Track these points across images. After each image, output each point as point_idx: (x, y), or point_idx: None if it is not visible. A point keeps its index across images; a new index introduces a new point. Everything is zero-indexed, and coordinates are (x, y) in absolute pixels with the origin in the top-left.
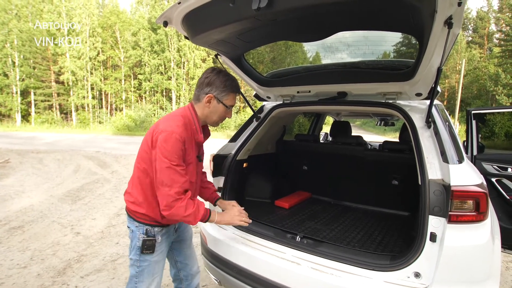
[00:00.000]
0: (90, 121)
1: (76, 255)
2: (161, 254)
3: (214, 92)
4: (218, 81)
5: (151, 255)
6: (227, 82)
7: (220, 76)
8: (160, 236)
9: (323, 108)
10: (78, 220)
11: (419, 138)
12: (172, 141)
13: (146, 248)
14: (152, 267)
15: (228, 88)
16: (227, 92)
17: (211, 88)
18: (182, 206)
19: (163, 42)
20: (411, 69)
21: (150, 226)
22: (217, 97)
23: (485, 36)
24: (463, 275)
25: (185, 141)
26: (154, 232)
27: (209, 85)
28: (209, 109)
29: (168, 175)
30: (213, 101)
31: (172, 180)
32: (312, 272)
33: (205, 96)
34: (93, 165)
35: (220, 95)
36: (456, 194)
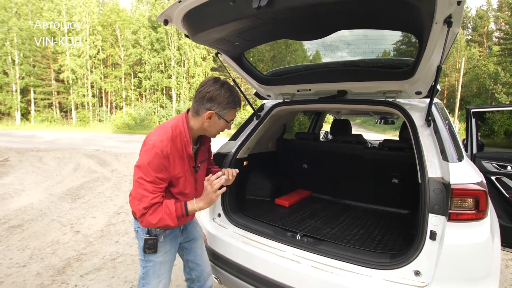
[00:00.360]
0: (90, 119)
1: (76, 253)
2: (165, 254)
3: (216, 108)
4: (221, 97)
5: (155, 255)
6: (230, 98)
7: (223, 91)
8: (164, 236)
9: (323, 106)
10: (78, 219)
11: (419, 136)
12: (151, 156)
13: (148, 248)
14: (157, 268)
15: (230, 104)
16: (229, 108)
17: (212, 105)
18: (150, 217)
19: (163, 41)
20: (410, 67)
21: None
22: (218, 114)
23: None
24: (463, 273)
25: (168, 155)
26: (156, 232)
27: (211, 101)
28: (209, 124)
29: (139, 190)
30: (214, 117)
31: (141, 195)
32: (312, 271)
33: (206, 112)
34: (93, 164)
35: (222, 111)
36: (456, 192)
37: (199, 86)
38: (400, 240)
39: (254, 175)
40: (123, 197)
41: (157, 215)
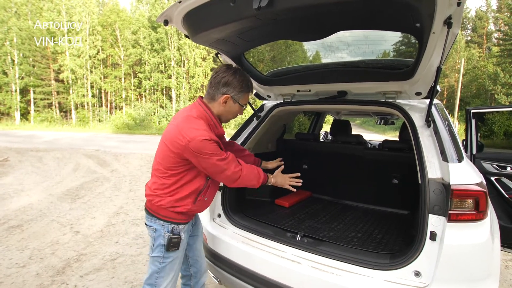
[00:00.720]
0: (89, 119)
1: (76, 254)
2: (183, 250)
3: (231, 92)
4: (236, 82)
5: (176, 252)
6: (244, 82)
7: (237, 76)
8: (184, 232)
9: (323, 107)
10: (78, 219)
11: (419, 137)
12: (207, 145)
13: (172, 246)
14: (174, 263)
15: (245, 88)
16: (243, 92)
17: (228, 89)
18: (244, 176)
19: (163, 41)
20: (410, 68)
21: (175, 224)
22: (234, 98)
23: (484, 36)
24: (463, 274)
25: (213, 138)
26: (179, 230)
27: (227, 85)
28: (224, 108)
29: (220, 166)
30: (229, 101)
31: (222, 168)
32: (313, 271)
33: (222, 96)
34: (93, 164)
35: (237, 95)
36: (456, 193)
37: (214, 73)
38: (400, 241)
39: None
40: (123, 197)
41: (253, 171)
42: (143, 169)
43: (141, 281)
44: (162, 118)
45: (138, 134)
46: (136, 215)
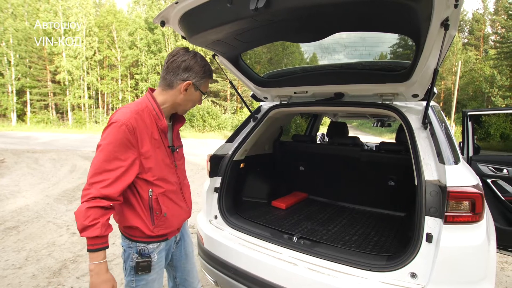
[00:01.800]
0: (86, 121)
1: (72, 255)
2: (160, 270)
3: (193, 79)
4: (198, 67)
5: (148, 275)
6: (206, 67)
7: (198, 60)
8: (157, 253)
9: (320, 108)
10: (74, 221)
11: (416, 139)
12: (114, 131)
13: (141, 269)
14: (150, 285)
15: (207, 74)
16: (205, 78)
17: (189, 74)
18: (84, 209)
19: (160, 42)
20: (407, 70)
21: (143, 243)
22: (195, 84)
23: (481, 38)
24: (459, 276)
25: (134, 129)
26: (149, 250)
27: (187, 71)
28: (184, 96)
29: (92, 169)
30: (190, 88)
31: (92, 176)
32: (309, 273)
33: (182, 83)
34: (89, 165)
35: (199, 82)
36: (452, 195)
37: (170, 56)
38: (396, 243)
39: (251, 177)
40: None
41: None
42: None
43: None
44: None
45: None
46: None
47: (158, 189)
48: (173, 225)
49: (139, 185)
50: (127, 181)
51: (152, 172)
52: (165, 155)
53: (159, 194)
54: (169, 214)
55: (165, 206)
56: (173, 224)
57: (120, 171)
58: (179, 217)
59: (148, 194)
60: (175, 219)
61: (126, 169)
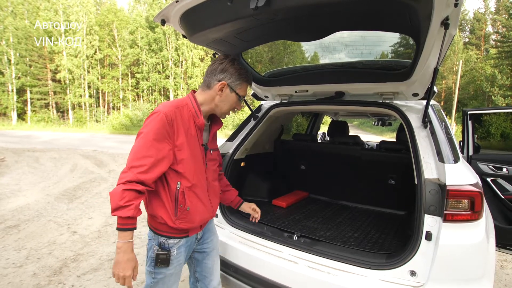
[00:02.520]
0: (87, 119)
1: (73, 254)
2: (178, 266)
3: (228, 79)
4: (233, 69)
5: (166, 268)
6: (242, 71)
7: (235, 64)
8: (177, 248)
9: (320, 107)
10: (75, 219)
11: (416, 138)
12: (154, 121)
13: (160, 262)
14: (167, 279)
15: (242, 76)
16: (241, 81)
17: (225, 75)
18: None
19: (161, 41)
20: (408, 69)
21: (165, 238)
22: (230, 85)
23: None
24: (458, 274)
25: (172, 121)
26: (169, 245)
27: (223, 72)
28: (221, 97)
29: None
30: (225, 89)
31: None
32: (309, 271)
33: (217, 83)
34: (90, 164)
35: (234, 83)
36: (451, 193)
37: (212, 62)
38: (396, 241)
39: (251, 176)
40: None
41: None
42: None
43: (137, 281)
44: None
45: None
46: None
47: (186, 182)
48: (194, 221)
49: (169, 176)
50: (162, 169)
51: (183, 165)
52: (198, 152)
53: (186, 187)
54: (192, 209)
55: (190, 201)
56: (195, 220)
57: (157, 158)
58: (201, 214)
59: (176, 186)
60: (197, 215)
61: (162, 157)
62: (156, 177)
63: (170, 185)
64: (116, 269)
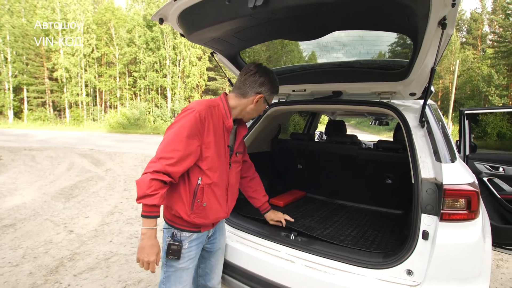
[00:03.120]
0: (83, 118)
1: (69, 253)
2: (190, 261)
3: (265, 93)
4: (271, 84)
5: (177, 261)
6: (276, 83)
7: (271, 77)
8: (188, 242)
9: (318, 107)
10: (71, 218)
11: (413, 137)
12: (187, 117)
13: (171, 253)
14: (179, 274)
15: (275, 89)
16: (274, 93)
17: (263, 89)
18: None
19: (158, 40)
20: (405, 69)
21: (177, 230)
22: (266, 98)
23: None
24: (455, 273)
25: (204, 119)
26: (181, 237)
27: (262, 85)
28: (254, 107)
29: (162, 145)
30: (261, 100)
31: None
32: (306, 270)
33: (255, 96)
34: (87, 163)
35: (269, 96)
36: (448, 193)
37: (250, 70)
38: (393, 240)
39: None
40: (117, 196)
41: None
42: (138, 169)
43: (134, 280)
44: (157, 118)
45: (133, 134)
46: (130, 215)
47: (207, 179)
48: (208, 217)
49: (192, 171)
50: (189, 164)
51: (207, 162)
52: (223, 151)
53: (206, 184)
54: (208, 206)
55: (207, 198)
56: (209, 217)
57: (185, 153)
58: (216, 213)
59: (197, 181)
60: (212, 213)
61: (190, 152)
62: (183, 171)
63: (191, 180)
64: (141, 255)
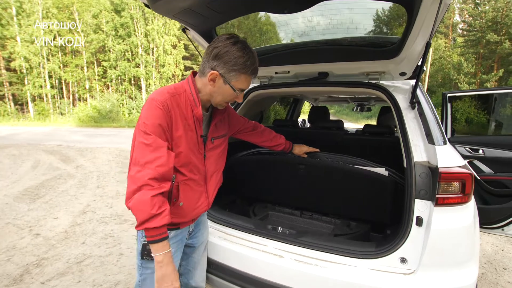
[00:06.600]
0: (50, 112)
1: (36, 259)
2: None
3: (221, 69)
4: (229, 56)
5: (153, 263)
6: (240, 59)
7: (233, 50)
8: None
9: (303, 90)
10: (38, 220)
11: (404, 119)
12: (150, 108)
13: (147, 254)
14: None
15: (240, 67)
16: (237, 72)
17: (218, 63)
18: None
19: (128, 26)
20: (396, 45)
21: None
22: (223, 76)
23: (450, 26)
24: (449, 258)
25: (170, 109)
26: None
27: (217, 59)
28: (214, 88)
29: (140, 150)
30: (218, 80)
31: (143, 156)
32: (296, 265)
33: (209, 72)
34: (55, 160)
35: (228, 74)
36: (444, 176)
37: (211, 41)
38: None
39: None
40: (90, 194)
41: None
42: (112, 164)
43: (111, 283)
44: (132, 110)
45: (106, 127)
46: (105, 213)
47: (181, 176)
48: (187, 215)
49: None
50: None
51: (180, 158)
52: (195, 143)
53: (181, 181)
54: (185, 204)
55: (184, 195)
56: (187, 215)
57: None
58: (195, 208)
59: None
60: (190, 210)
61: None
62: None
63: None
64: (165, 284)
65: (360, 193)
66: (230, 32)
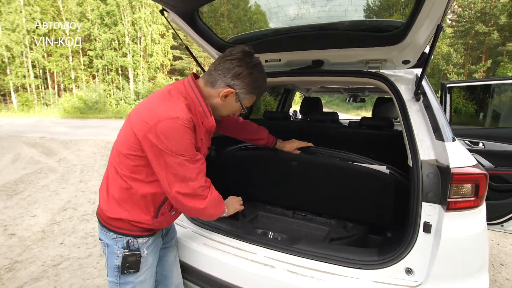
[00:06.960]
0: (34, 103)
1: (8, 262)
2: (148, 271)
3: (239, 89)
4: (249, 79)
5: (135, 275)
6: (258, 83)
7: (255, 72)
8: (146, 248)
9: (296, 79)
10: (14, 219)
11: (408, 112)
12: (177, 129)
13: (128, 267)
14: None
15: (257, 90)
16: (252, 94)
17: (237, 83)
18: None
19: (114, 14)
20: (402, 29)
21: (132, 236)
22: (239, 96)
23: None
24: (460, 268)
25: (194, 125)
26: (138, 244)
27: (237, 78)
28: (222, 102)
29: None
30: (231, 97)
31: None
32: (289, 276)
33: (224, 89)
34: (37, 153)
35: (243, 95)
36: (456, 177)
37: (228, 53)
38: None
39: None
40: (72, 190)
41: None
42: (97, 157)
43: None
44: (120, 101)
45: (93, 119)
46: (87, 210)
47: None
48: (170, 222)
49: None
50: None
51: None
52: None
53: None
54: (177, 212)
55: None
56: (171, 221)
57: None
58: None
59: None
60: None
61: None
62: None
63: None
64: (236, 206)
65: (359, 193)
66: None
